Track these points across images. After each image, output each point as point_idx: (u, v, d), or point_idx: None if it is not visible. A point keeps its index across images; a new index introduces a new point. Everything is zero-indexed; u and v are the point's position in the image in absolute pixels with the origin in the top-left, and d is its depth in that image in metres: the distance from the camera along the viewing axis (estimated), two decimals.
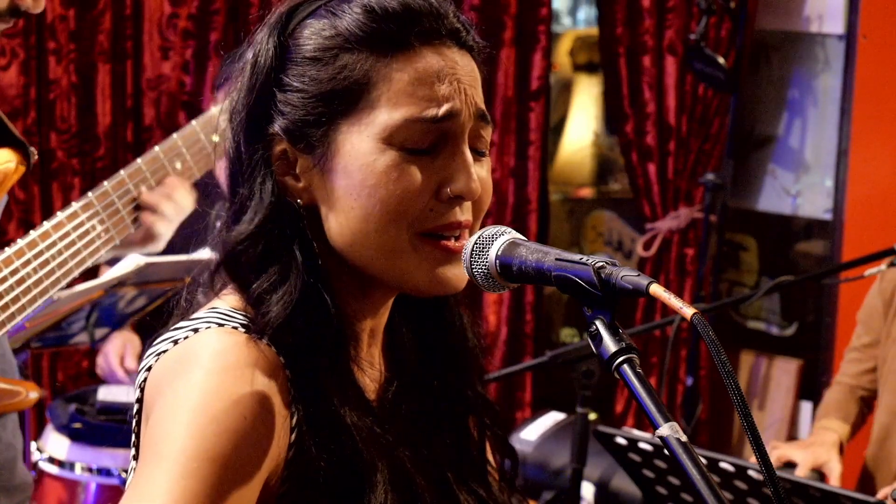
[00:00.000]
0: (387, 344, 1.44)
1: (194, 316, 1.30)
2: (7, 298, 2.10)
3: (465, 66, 1.33)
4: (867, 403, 2.92)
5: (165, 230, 2.41)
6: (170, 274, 2.77)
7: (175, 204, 2.39)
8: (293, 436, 1.26)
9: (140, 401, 1.28)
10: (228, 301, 1.32)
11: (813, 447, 2.74)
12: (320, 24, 1.33)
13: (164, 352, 1.26)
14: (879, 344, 2.88)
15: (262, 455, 1.21)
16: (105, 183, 2.32)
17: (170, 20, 3.95)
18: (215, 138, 2.40)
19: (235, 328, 1.26)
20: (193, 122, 2.49)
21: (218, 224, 1.39)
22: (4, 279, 2.09)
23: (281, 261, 1.31)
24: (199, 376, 1.21)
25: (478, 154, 1.35)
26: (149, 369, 1.27)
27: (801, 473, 2.66)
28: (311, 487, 1.26)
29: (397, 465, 1.32)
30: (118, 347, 3.27)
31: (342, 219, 1.31)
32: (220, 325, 1.26)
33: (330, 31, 1.32)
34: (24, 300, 2.12)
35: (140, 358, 2.41)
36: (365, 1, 1.32)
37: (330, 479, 1.26)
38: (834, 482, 2.65)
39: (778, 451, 2.74)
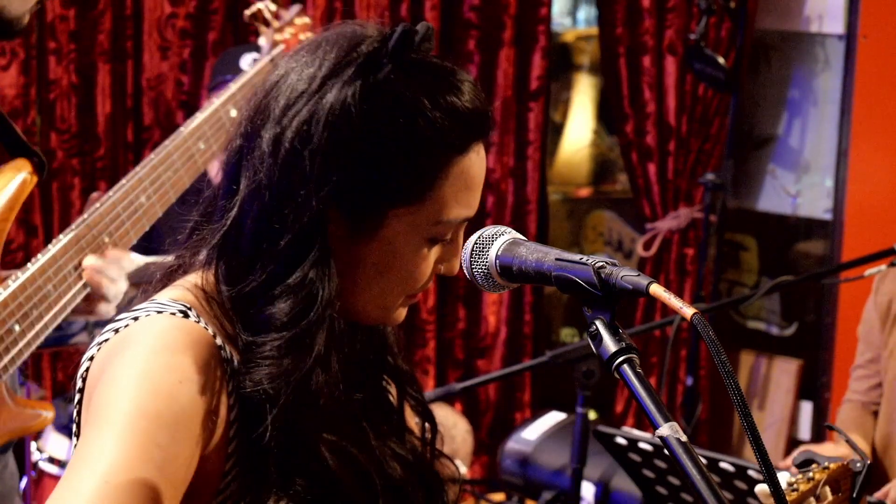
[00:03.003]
0: None
1: (134, 308, 1.34)
2: None
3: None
4: None
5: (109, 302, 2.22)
6: None
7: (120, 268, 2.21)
8: (232, 414, 1.30)
9: (82, 390, 1.32)
10: (167, 294, 1.36)
11: (843, 448, 2.71)
12: (405, 103, 1.30)
13: (106, 340, 1.31)
14: (881, 357, 2.87)
15: (197, 418, 1.25)
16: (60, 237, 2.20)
17: (168, 20, 3.95)
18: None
19: (174, 314, 1.31)
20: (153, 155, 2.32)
21: (218, 223, 1.38)
22: None
23: (299, 332, 1.31)
24: (138, 351, 1.26)
25: None
26: (91, 359, 1.32)
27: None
28: (259, 475, 1.30)
29: (349, 455, 1.37)
30: None
31: (357, 282, 1.35)
32: (160, 312, 1.31)
33: (415, 118, 1.30)
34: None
35: None
36: (454, 94, 1.32)
37: (285, 478, 1.30)
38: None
39: (802, 448, 2.71)
